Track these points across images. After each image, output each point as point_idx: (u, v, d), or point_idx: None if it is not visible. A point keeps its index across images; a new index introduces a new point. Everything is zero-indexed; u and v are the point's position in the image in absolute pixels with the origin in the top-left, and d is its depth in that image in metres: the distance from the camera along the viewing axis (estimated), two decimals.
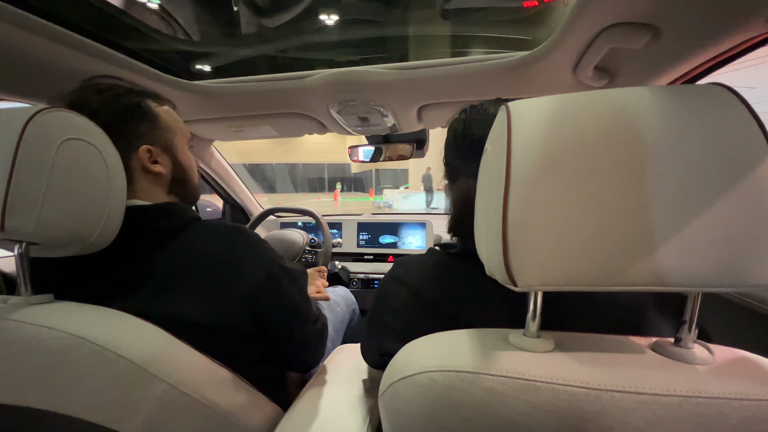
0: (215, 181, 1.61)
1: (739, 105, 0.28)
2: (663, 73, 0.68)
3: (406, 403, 0.33)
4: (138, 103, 0.58)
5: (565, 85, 0.83)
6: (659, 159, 0.28)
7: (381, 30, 1.00)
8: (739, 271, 0.27)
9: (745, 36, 0.52)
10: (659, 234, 0.27)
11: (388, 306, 0.52)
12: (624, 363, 0.30)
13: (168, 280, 0.52)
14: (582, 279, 0.28)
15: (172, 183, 0.62)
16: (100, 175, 0.47)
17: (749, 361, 0.31)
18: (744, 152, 0.27)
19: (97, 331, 0.41)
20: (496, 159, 0.31)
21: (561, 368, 0.29)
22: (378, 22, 0.98)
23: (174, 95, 0.93)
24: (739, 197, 0.27)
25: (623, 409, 0.27)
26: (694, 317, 0.31)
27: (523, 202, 0.29)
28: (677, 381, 0.27)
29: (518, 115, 0.31)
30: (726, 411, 0.26)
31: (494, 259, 0.31)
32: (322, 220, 1.35)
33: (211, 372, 0.50)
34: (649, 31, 0.56)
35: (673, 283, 0.27)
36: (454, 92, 0.92)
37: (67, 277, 0.52)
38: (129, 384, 0.41)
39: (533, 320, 0.32)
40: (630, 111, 0.29)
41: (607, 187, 0.28)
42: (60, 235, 0.44)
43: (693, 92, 0.30)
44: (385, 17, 0.97)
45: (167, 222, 0.56)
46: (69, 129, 0.44)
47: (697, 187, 0.27)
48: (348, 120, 1.10)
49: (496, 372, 0.30)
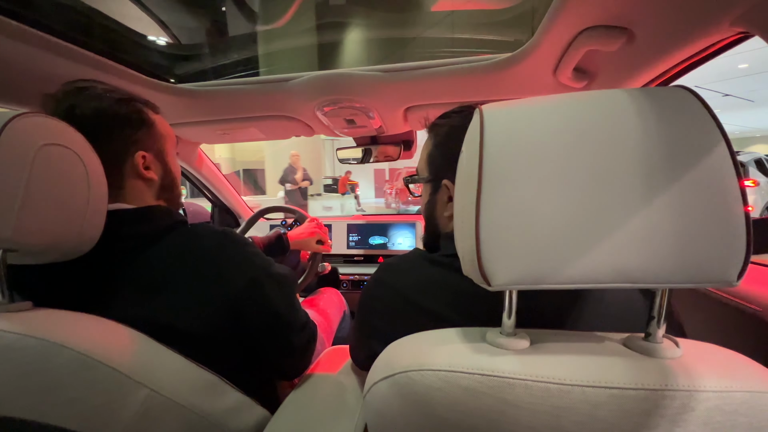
0: (202, 184, 1.59)
1: (700, 107, 0.29)
2: (639, 74, 0.70)
3: (386, 404, 0.33)
4: (138, 110, 0.59)
5: (547, 86, 0.84)
6: (623, 160, 0.29)
7: (366, 32, 1.01)
8: (698, 268, 0.28)
9: (712, 39, 0.54)
10: (624, 233, 0.28)
11: (373, 308, 0.52)
12: (595, 358, 0.31)
13: (151, 285, 0.52)
14: (552, 277, 0.29)
15: (161, 189, 0.63)
16: (79, 181, 0.47)
17: (715, 355, 0.32)
18: (703, 153, 0.28)
19: (77, 338, 0.40)
20: (470, 161, 0.32)
21: (534, 365, 0.30)
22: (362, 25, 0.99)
23: (158, 98, 0.92)
24: (698, 197, 0.28)
25: (593, 403, 0.28)
26: (662, 312, 0.32)
27: (494, 203, 0.30)
28: (644, 375, 0.28)
29: (491, 119, 0.32)
30: (691, 403, 0.27)
31: (469, 259, 0.31)
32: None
33: (195, 376, 0.49)
34: (623, 33, 0.58)
35: (638, 280, 0.28)
36: (438, 94, 0.93)
37: (46, 284, 0.51)
38: (111, 391, 0.41)
39: (509, 318, 0.33)
40: (598, 114, 0.30)
41: (574, 187, 0.29)
42: (38, 242, 0.43)
43: (658, 95, 0.31)
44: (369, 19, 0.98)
45: (151, 225, 0.56)
46: (47, 134, 0.44)
47: (658, 186, 0.28)
48: (334, 122, 1.10)
49: (472, 370, 0.30)
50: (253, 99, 0.99)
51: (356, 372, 0.70)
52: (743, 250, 0.27)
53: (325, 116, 1.04)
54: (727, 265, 0.28)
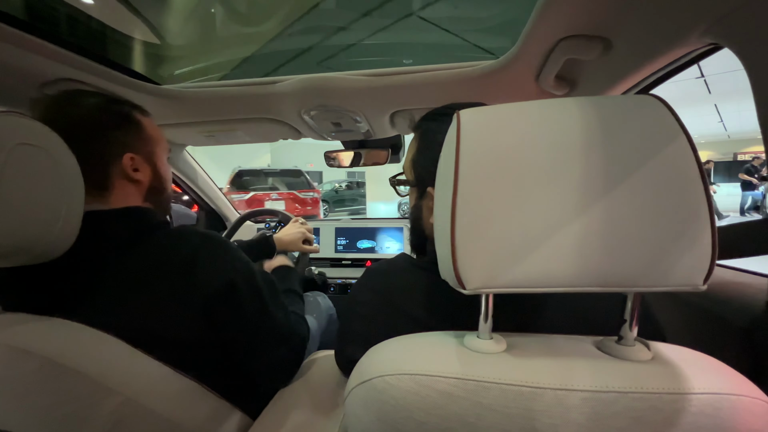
0: (189, 186, 1.57)
1: (668, 115, 0.30)
2: (617, 83, 0.72)
3: (364, 408, 0.33)
4: (127, 112, 0.60)
5: (530, 93, 0.86)
6: (595, 165, 0.29)
7: (352, 37, 1.01)
8: (666, 272, 0.28)
9: (685, 50, 0.56)
10: (595, 237, 0.29)
11: (357, 313, 0.52)
12: (568, 361, 0.31)
13: (127, 288, 0.51)
14: (527, 281, 0.29)
15: (149, 191, 0.63)
16: (53, 183, 0.45)
17: (685, 357, 0.32)
18: (670, 160, 0.29)
19: (44, 344, 0.39)
20: (447, 165, 0.32)
21: (509, 369, 0.30)
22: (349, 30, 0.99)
23: (142, 99, 0.91)
24: (665, 203, 0.29)
25: (566, 406, 0.28)
26: (634, 315, 0.32)
27: (469, 207, 0.30)
28: (615, 378, 0.29)
29: (468, 124, 0.32)
30: (659, 405, 0.28)
31: (445, 263, 0.31)
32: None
33: (172, 383, 0.48)
34: (601, 42, 0.60)
35: (610, 284, 0.29)
36: (424, 99, 0.94)
37: (19, 288, 0.50)
38: (81, 398, 0.40)
39: (485, 322, 0.33)
40: (571, 120, 0.31)
41: (548, 192, 0.30)
42: (7, 244, 0.42)
43: (628, 102, 0.32)
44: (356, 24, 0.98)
45: (129, 227, 0.55)
46: (21, 134, 0.43)
47: (627, 191, 0.29)
48: (321, 125, 1.10)
49: (448, 374, 0.30)
50: (239, 101, 0.98)
51: (341, 378, 0.69)
52: (708, 254, 0.28)
53: (312, 119, 1.04)
54: (694, 269, 0.28)
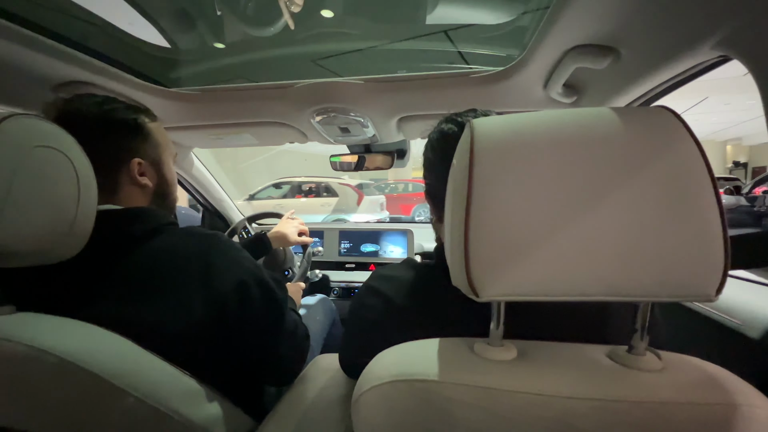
0: (194, 188, 1.58)
1: (681, 128, 0.31)
2: (626, 92, 0.72)
3: (373, 413, 0.33)
4: (135, 119, 0.61)
5: (538, 101, 0.86)
6: (609, 177, 0.30)
7: (360, 43, 1.02)
8: (679, 283, 0.29)
9: (694, 61, 0.57)
10: (609, 247, 0.29)
11: (363, 316, 0.52)
12: (579, 370, 0.31)
13: (137, 287, 0.51)
14: (540, 290, 0.30)
15: (155, 195, 0.64)
16: (69, 185, 0.46)
17: (696, 368, 0.32)
18: (683, 172, 0.29)
19: (60, 343, 0.40)
20: (460, 173, 0.33)
21: (519, 377, 0.30)
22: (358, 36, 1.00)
23: (151, 102, 0.92)
24: (678, 215, 0.29)
25: (575, 415, 0.28)
26: (645, 325, 0.33)
27: (483, 216, 0.30)
28: (626, 387, 0.29)
29: (481, 133, 0.33)
30: (669, 416, 0.28)
31: (458, 271, 0.32)
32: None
33: (180, 384, 0.49)
34: (611, 53, 0.60)
35: (623, 294, 0.29)
36: (431, 105, 0.95)
37: (32, 287, 0.50)
38: (94, 398, 0.40)
39: (496, 329, 0.34)
40: (585, 131, 0.31)
41: (562, 202, 0.30)
42: (24, 245, 0.42)
43: (642, 114, 0.32)
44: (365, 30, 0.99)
45: (138, 226, 0.55)
46: (38, 136, 0.44)
47: (640, 202, 0.29)
48: (329, 130, 1.10)
49: (458, 381, 0.31)
50: (248, 105, 0.99)
51: (345, 381, 0.69)
52: (721, 266, 0.28)
53: (320, 124, 1.05)
54: (706, 280, 0.29)
